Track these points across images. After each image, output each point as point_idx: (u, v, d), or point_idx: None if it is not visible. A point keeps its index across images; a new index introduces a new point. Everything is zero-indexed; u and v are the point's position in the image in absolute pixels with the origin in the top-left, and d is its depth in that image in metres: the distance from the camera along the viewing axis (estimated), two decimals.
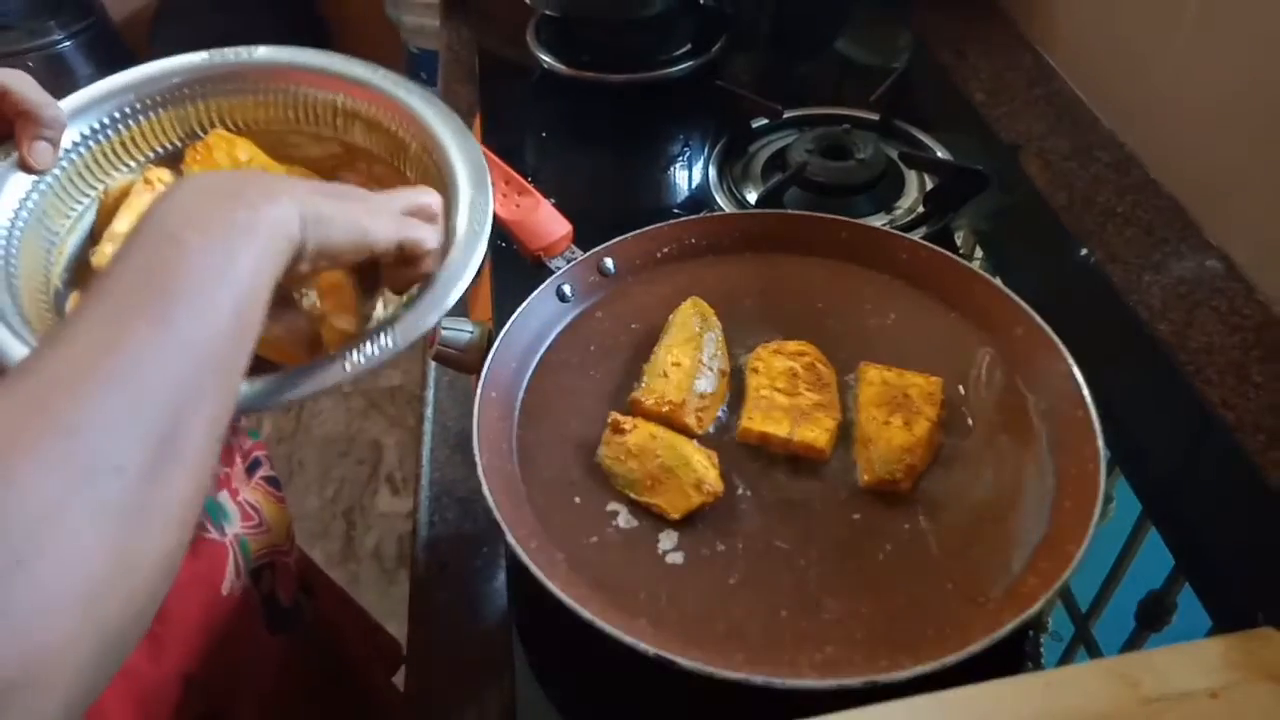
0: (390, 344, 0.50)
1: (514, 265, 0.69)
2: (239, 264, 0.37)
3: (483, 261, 0.73)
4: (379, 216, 0.45)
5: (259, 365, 0.55)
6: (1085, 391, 0.55)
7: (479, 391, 0.57)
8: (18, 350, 0.49)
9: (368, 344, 0.50)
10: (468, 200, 0.56)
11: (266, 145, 0.66)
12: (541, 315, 0.64)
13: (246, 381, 0.49)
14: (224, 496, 0.61)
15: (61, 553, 0.28)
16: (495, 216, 0.66)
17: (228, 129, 0.65)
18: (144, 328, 0.34)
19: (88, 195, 0.62)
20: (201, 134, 0.65)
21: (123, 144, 0.63)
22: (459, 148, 0.59)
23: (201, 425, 0.35)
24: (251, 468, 0.66)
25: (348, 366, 0.49)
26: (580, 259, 0.66)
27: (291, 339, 0.57)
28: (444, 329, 0.61)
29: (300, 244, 0.41)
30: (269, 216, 0.39)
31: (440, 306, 0.51)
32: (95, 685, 0.30)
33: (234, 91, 0.65)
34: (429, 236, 0.48)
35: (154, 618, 0.41)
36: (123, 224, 0.59)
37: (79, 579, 0.29)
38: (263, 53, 0.65)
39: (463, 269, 0.53)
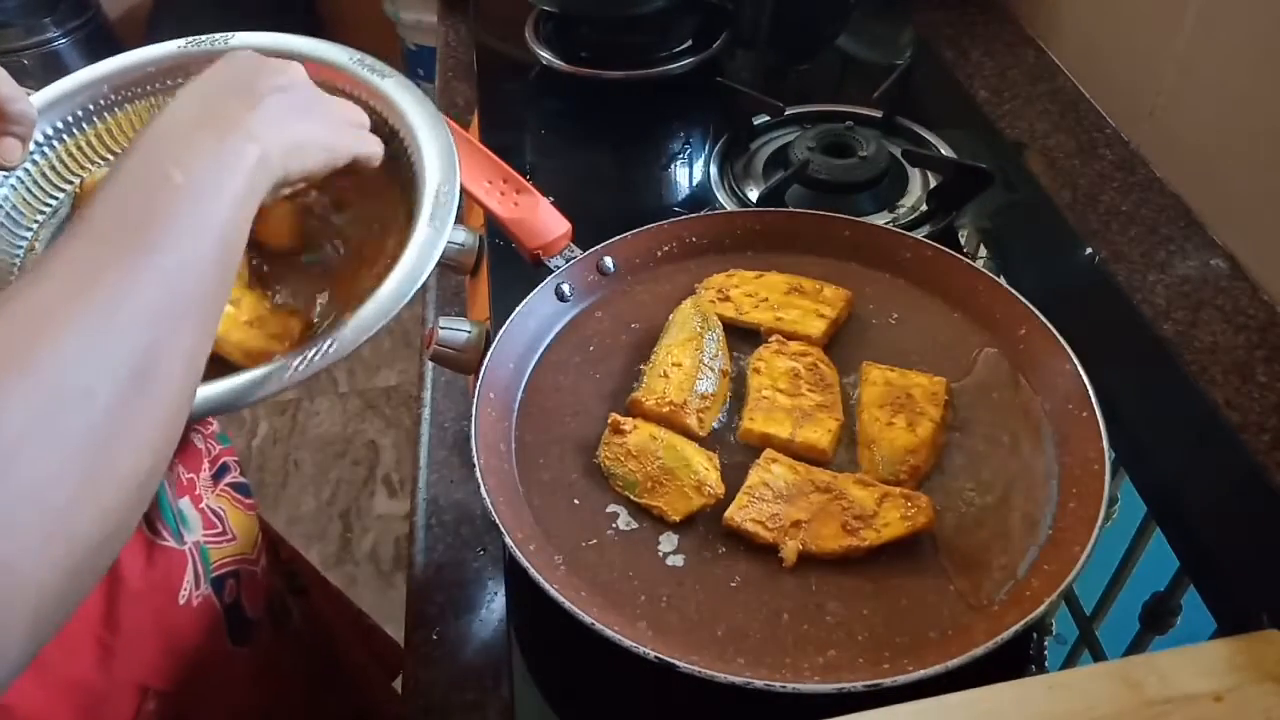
0: (335, 349, 0.48)
1: (512, 264, 0.68)
2: (223, 201, 0.39)
3: (479, 258, 0.72)
4: (341, 133, 0.49)
5: (215, 370, 0.54)
6: (1090, 391, 0.54)
7: (477, 392, 0.56)
8: None
9: (314, 348, 0.48)
10: (432, 192, 0.54)
11: None
12: (540, 314, 0.64)
13: (202, 386, 0.48)
14: (185, 503, 0.58)
15: (22, 478, 0.29)
16: (493, 215, 0.65)
17: None
18: (124, 260, 0.35)
19: (61, 191, 0.60)
20: None
21: (98, 137, 0.61)
22: (431, 136, 0.57)
23: (179, 358, 0.36)
24: (219, 473, 0.63)
25: (287, 375, 0.48)
26: (579, 258, 0.65)
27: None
28: (441, 328, 0.60)
29: (281, 177, 0.43)
30: (252, 154, 0.41)
31: (391, 310, 0.50)
32: (64, 604, 0.32)
33: None
34: (377, 152, 0.52)
35: (104, 620, 0.41)
36: None
37: (40, 502, 0.30)
38: (238, 39, 0.63)
39: (418, 271, 0.51)
